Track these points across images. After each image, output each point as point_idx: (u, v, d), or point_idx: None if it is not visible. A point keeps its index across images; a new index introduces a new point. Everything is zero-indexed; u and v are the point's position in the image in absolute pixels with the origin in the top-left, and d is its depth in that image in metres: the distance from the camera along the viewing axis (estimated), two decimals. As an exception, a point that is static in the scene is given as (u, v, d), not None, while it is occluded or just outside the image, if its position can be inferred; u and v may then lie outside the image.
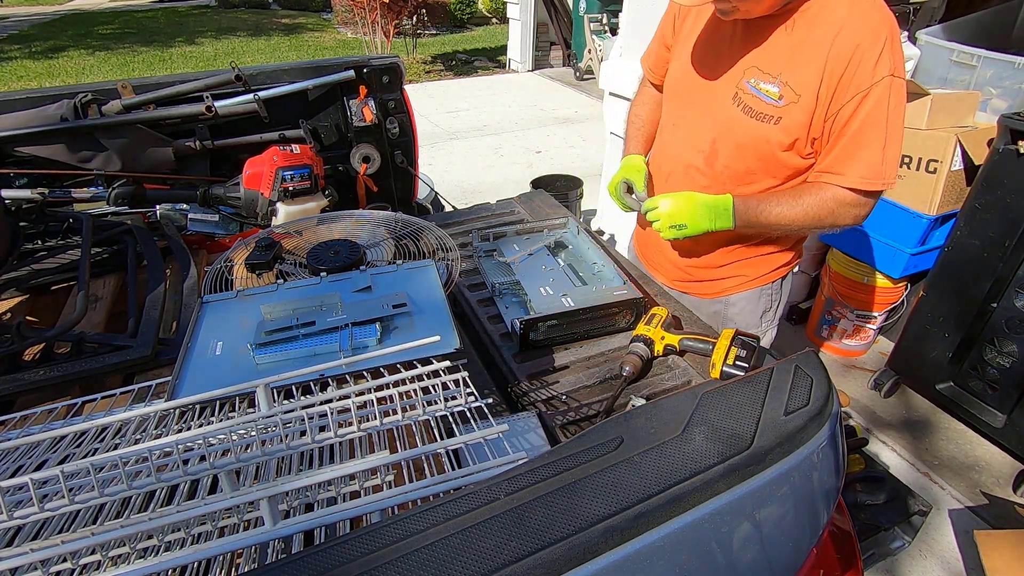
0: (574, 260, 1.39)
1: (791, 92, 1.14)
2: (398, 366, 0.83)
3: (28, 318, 1.34)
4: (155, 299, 1.19)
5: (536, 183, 3.14)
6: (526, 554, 0.50)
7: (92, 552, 0.60)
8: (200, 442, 0.67)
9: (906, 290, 2.46)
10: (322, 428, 0.71)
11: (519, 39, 7.97)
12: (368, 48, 8.07)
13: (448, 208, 2.38)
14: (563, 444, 0.63)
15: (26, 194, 1.50)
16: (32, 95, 1.65)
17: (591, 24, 6.83)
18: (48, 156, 1.62)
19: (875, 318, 2.50)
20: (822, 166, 1.18)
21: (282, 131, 1.86)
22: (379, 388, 0.78)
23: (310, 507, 0.68)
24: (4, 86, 7.23)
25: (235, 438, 0.68)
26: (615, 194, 1.43)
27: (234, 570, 0.67)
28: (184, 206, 1.65)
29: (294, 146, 1.62)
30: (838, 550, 0.84)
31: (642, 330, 1.14)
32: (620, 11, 3.02)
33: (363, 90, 1.92)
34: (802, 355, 0.74)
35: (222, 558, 0.67)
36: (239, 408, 0.82)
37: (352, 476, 0.70)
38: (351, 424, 0.68)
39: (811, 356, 0.74)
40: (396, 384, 0.78)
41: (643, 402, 1.02)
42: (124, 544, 0.62)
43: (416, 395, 0.78)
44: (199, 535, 0.65)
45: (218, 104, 1.72)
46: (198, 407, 0.81)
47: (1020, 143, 1.77)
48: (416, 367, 0.81)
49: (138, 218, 1.55)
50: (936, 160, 2.05)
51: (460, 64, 8.53)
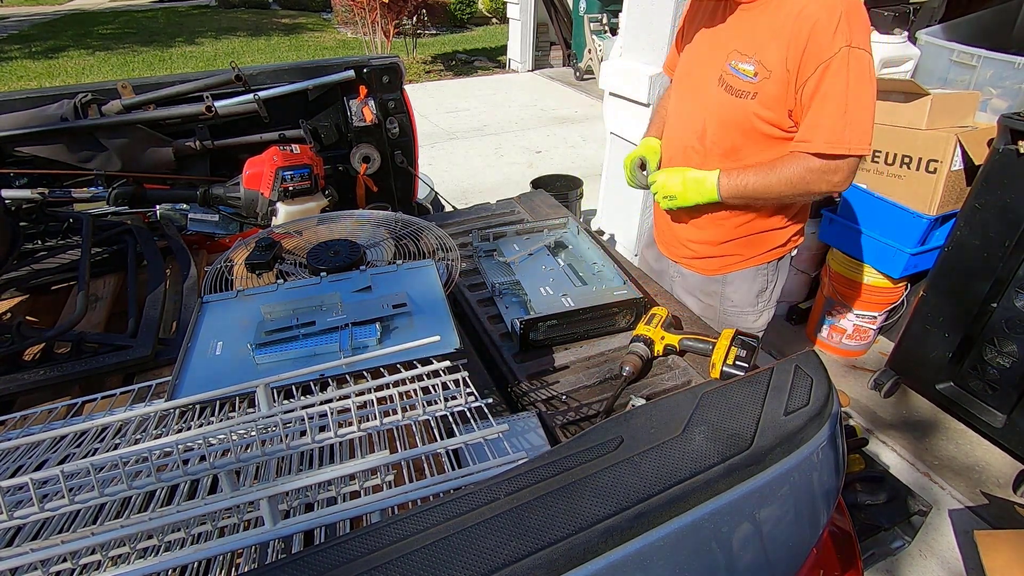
0: (574, 260, 1.39)
1: (764, 69, 1.25)
2: (398, 366, 0.83)
3: (28, 318, 1.34)
4: (155, 299, 1.19)
5: (536, 183, 3.14)
6: (526, 554, 0.50)
7: (92, 552, 0.60)
8: (200, 442, 0.67)
9: (906, 290, 2.46)
10: (322, 428, 0.71)
11: (519, 39, 7.97)
12: (368, 48, 8.07)
13: (448, 208, 2.38)
14: (563, 444, 0.63)
15: (26, 194, 1.50)
16: (32, 95, 1.65)
17: (591, 24, 6.83)
18: (48, 156, 1.62)
19: (875, 318, 2.50)
20: (795, 137, 1.28)
21: (282, 131, 1.86)
22: (379, 388, 0.78)
23: (310, 507, 0.68)
24: (4, 86, 7.24)
25: (235, 438, 0.68)
26: (629, 168, 1.56)
27: (234, 570, 0.67)
28: (184, 206, 1.65)
29: (294, 146, 1.62)
30: (838, 550, 0.84)
31: (642, 330, 1.14)
32: (620, 11, 3.02)
33: (363, 90, 1.92)
34: (802, 355, 0.74)
35: (222, 558, 0.67)
36: (239, 408, 0.82)
37: (352, 476, 0.70)
38: (351, 424, 0.68)
39: (811, 356, 0.74)
40: (396, 384, 0.78)
41: (643, 402, 1.02)
42: (124, 544, 0.62)
43: (416, 395, 0.78)
44: (199, 535, 0.65)
45: (218, 104, 1.72)
46: (198, 407, 0.81)
47: (1020, 143, 1.77)
48: (416, 367, 0.81)
49: (138, 218, 1.55)
50: (936, 160, 2.05)
51: (460, 64, 8.53)
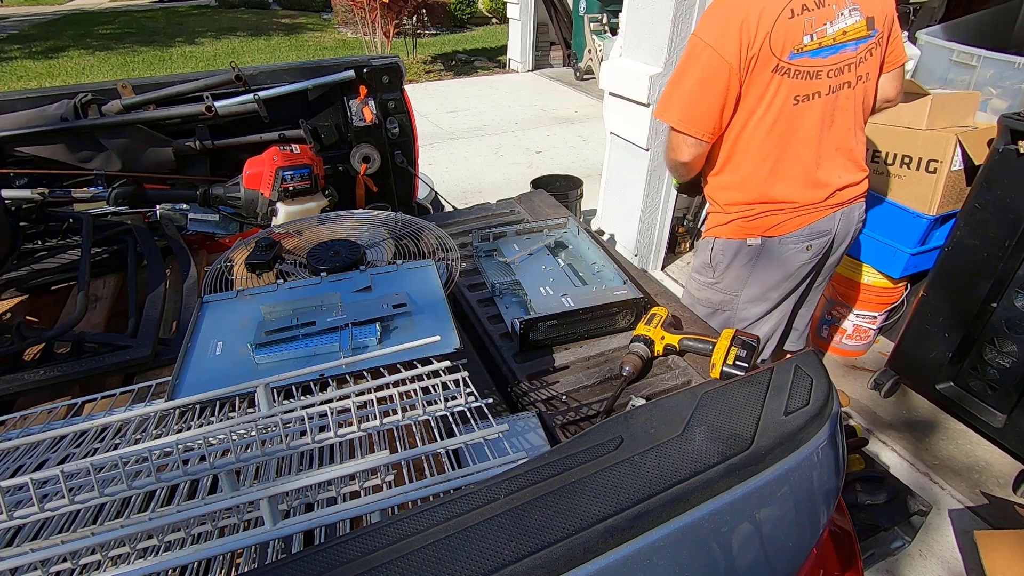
0: (574, 260, 1.39)
1: None
2: (398, 366, 0.83)
3: (28, 318, 1.34)
4: (155, 299, 1.19)
5: (536, 183, 3.14)
6: (526, 554, 0.50)
7: (92, 552, 0.60)
8: (200, 442, 0.67)
9: (906, 290, 2.46)
10: (322, 428, 0.71)
11: (519, 39, 7.97)
12: (368, 48, 8.06)
13: (448, 208, 2.37)
14: (563, 444, 0.63)
15: (26, 194, 1.50)
16: (32, 95, 1.65)
17: (591, 24, 6.83)
18: (48, 156, 1.62)
19: (875, 318, 2.50)
20: None
21: (282, 131, 1.86)
22: (379, 388, 0.78)
23: (310, 507, 0.68)
24: (4, 86, 7.23)
25: (235, 438, 0.68)
26: None
27: (234, 570, 0.67)
28: (184, 206, 1.65)
29: (294, 146, 1.62)
30: (838, 550, 0.84)
31: (642, 330, 1.14)
32: (620, 11, 3.02)
33: (363, 90, 1.92)
34: (802, 355, 0.74)
35: (222, 558, 0.67)
36: (239, 408, 0.82)
37: (352, 476, 0.70)
38: (351, 424, 0.68)
39: (811, 356, 0.74)
40: (396, 384, 0.78)
41: (643, 402, 1.02)
42: (124, 544, 0.62)
43: (416, 395, 0.78)
44: (199, 535, 0.65)
45: (218, 104, 1.72)
46: (198, 407, 0.81)
47: (1020, 143, 1.77)
48: (416, 367, 0.81)
49: (138, 218, 1.55)
50: (936, 160, 2.05)
51: (460, 64, 8.53)
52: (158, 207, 1.62)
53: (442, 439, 0.70)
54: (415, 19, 8.52)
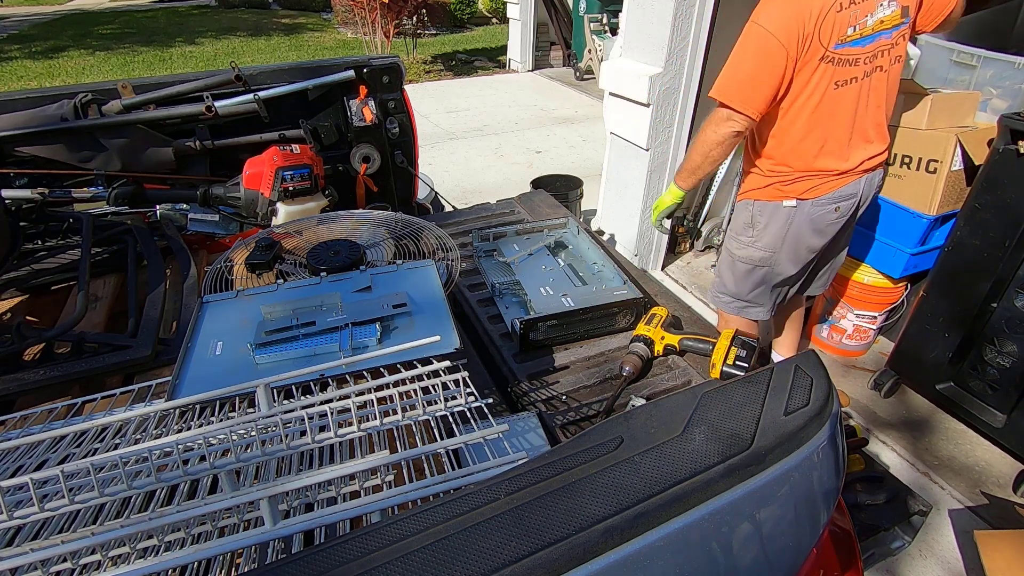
0: (574, 260, 1.39)
1: None
2: (398, 366, 0.83)
3: (28, 318, 1.34)
4: (155, 299, 1.19)
5: (536, 183, 3.14)
6: (526, 554, 0.50)
7: (92, 552, 0.60)
8: (200, 442, 0.67)
9: (906, 290, 2.46)
10: (322, 428, 0.71)
11: (519, 39, 7.97)
12: (368, 48, 8.06)
13: (448, 208, 2.38)
14: (563, 444, 0.63)
15: (26, 194, 1.50)
16: (32, 95, 1.65)
17: (591, 24, 6.82)
18: (48, 156, 1.62)
19: (875, 318, 2.49)
20: None
21: (282, 131, 1.86)
22: (379, 388, 0.78)
23: (310, 507, 0.68)
24: (4, 86, 7.23)
25: (235, 438, 0.68)
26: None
27: (234, 570, 0.67)
28: (184, 206, 1.65)
29: (294, 146, 1.62)
30: (838, 550, 0.84)
31: (642, 330, 1.14)
32: (620, 11, 3.02)
33: (363, 90, 1.92)
34: (802, 355, 0.74)
35: (222, 558, 0.67)
36: (239, 408, 0.82)
37: (352, 476, 0.70)
38: (351, 424, 0.68)
39: (811, 356, 0.74)
40: (396, 384, 0.78)
41: (643, 402, 1.02)
42: (124, 544, 0.62)
43: (416, 395, 0.78)
44: (199, 535, 0.65)
45: (218, 104, 1.72)
46: (198, 407, 0.81)
47: (1020, 143, 1.77)
48: (416, 367, 0.81)
49: (138, 218, 1.55)
50: (936, 160, 2.05)
51: (460, 64, 8.53)
52: (158, 207, 1.62)
53: (442, 439, 0.70)
54: (415, 19, 8.52)
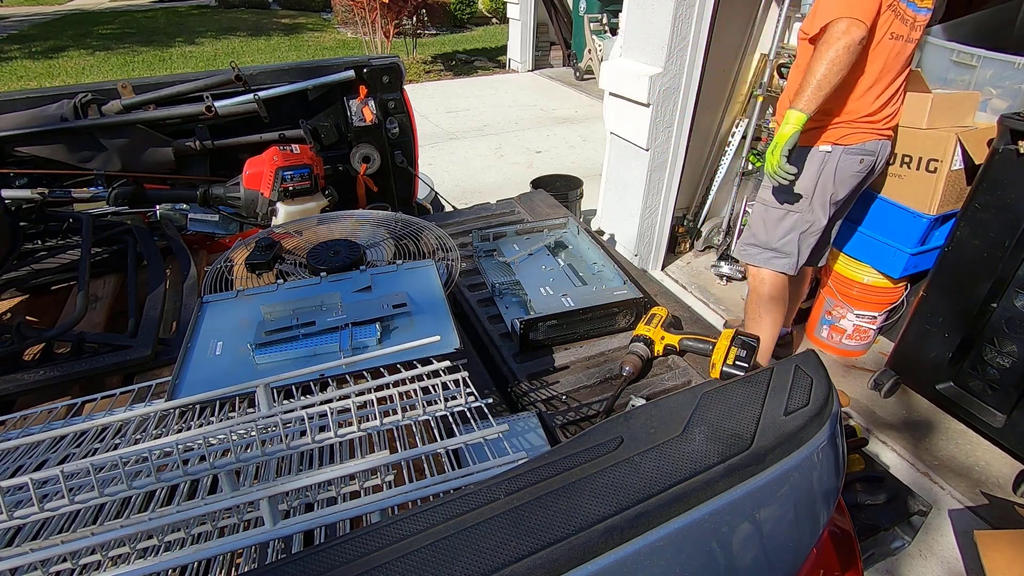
0: (574, 260, 1.39)
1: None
2: (398, 366, 0.83)
3: (28, 318, 1.34)
4: (155, 299, 1.19)
5: (536, 183, 3.14)
6: (526, 554, 0.50)
7: (92, 552, 0.60)
8: (200, 442, 0.67)
9: (906, 290, 2.46)
10: (322, 428, 0.71)
11: (519, 39, 7.97)
12: (368, 48, 8.06)
13: (448, 208, 2.38)
14: (563, 444, 0.63)
15: (26, 194, 1.50)
16: (32, 95, 1.65)
17: (591, 24, 6.82)
18: (48, 156, 1.62)
19: (875, 318, 2.49)
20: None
21: (282, 131, 1.86)
22: (379, 388, 0.78)
23: (310, 507, 0.68)
24: (4, 86, 7.23)
25: (235, 438, 0.68)
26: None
27: (234, 570, 0.67)
28: (184, 206, 1.65)
29: (294, 146, 1.62)
30: (838, 550, 0.84)
31: (642, 330, 1.14)
32: (620, 11, 3.02)
33: (363, 90, 1.92)
34: (802, 355, 0.74)
35: (222, 558, 0.67)
36: (239, 408, 0.82)
37: (352, 476, 0.70)
38: (351, 424, 0.68)
39: (811, 356, 0.74)
40: (396, 384, 0.78)
41: (643, 402, 1.02)
42: (124, 544, 0.62)
43: (416, 395, 0.78)
44: (199, 535, 0.65)
45: (218, 104, 1.72)
46: (198, 407, 0.81)
47: (1020, 143, 1.77)
48: (416, 367, 0.81)
49: (138, 218, 1.55)
50: (936, 160, 2.05)
51: (460, 64, 8.53)
52: (158, 207, 1.62)
53: (442, 439, 0.70)
54: (415, 19, 8.52)
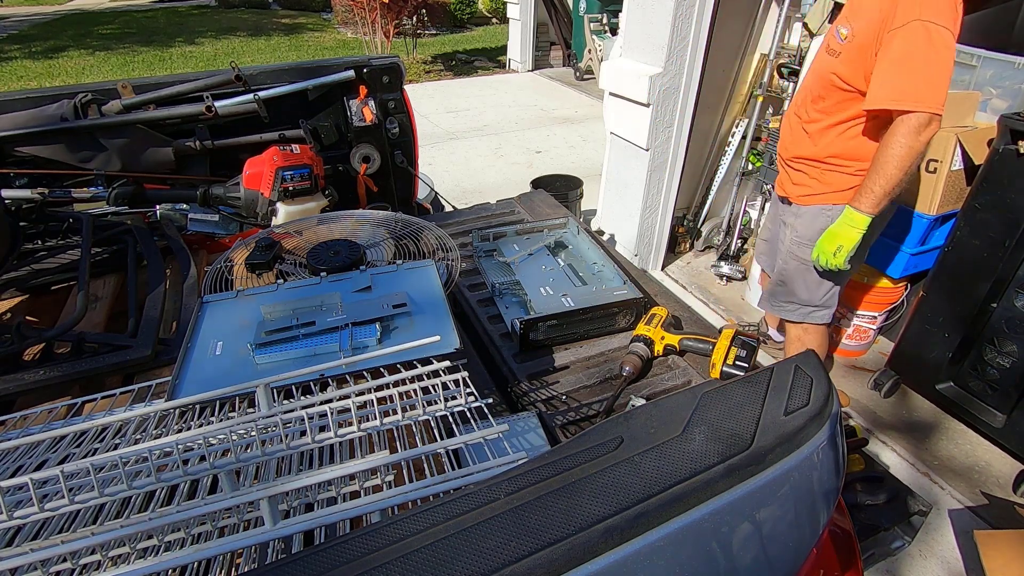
0: (574, 260, 1.39)
1: (851, 34, 1.52)
2: (398, 366, 0.83)
3: (28, 318, 1.34)
4: (155, 299, 1.19)
5: (536, 183, 3.14)
6: (526, 554, 0.50)
7: (92, 552, 0.60)
8: (200, 442, 0.67)
9: (906, 290, 2.46)
10: (322, 428, 0.71)
11: (519, 39, 7.97)
12: (368, 48, 8.06)
13: (448, 208, 2.38)
14: (563, 444, 0.63)
15: (26, 194, 1.50)
16: (32, 95, 1.65)
17: (591, 24, 6.83)
18: (48, 156, 1.62)
19: (875, 318, 2.49)
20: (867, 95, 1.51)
21: (282, 131, 1.86)
22: (379, 388, 0.78)
23: (310, 507, 0.68)
24: (4, 86, 7.23)
25: (235, 438, 0.68)
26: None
27: (234, 570, 0.67)
28: (184, 206, 1.65)
29: (294, 146, 1.62)
30: (838, 550, 0.84)
31: (642, 330, 1.14)
32: (620, 11, 3.02)
33: (363, 90, 1.92)
34: (802, 355, 0.74)
35: (222, 558, 0.67)
36: (239, 408, 0.82)
37: (352, 476, 0.70)
38: (351, 424, 0.68)
39: (811, 356, 0.74)
40: (396, 384, 0.78)
41: (643, 402, 1.02)
42: (124, 544, 0.62)
43: (416, 395, 0.78)
44: (199, 535, 0.65)
45: (218, 104, 1.72)
46: (198, 407, 0.81)
47: (1020, 143, 1.77)
48: (416, 367, 0.81)
49: (138, 218, 1.55)
50: (936, 160, 2.05)
51: (460, 64, 8.53)
52: (158, 207, 1.62)
53: (442, 439, 0.70)
54: (415, 19, 8.52)
